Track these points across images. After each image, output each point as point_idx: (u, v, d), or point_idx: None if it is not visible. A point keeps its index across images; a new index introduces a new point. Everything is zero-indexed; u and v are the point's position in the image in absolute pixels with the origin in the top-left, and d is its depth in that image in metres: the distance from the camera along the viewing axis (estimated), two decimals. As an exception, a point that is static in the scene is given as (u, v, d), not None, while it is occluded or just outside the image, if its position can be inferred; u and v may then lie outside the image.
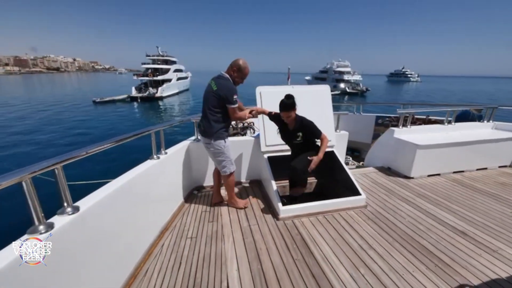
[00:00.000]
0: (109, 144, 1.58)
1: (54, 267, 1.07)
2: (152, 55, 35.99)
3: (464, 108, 4.57)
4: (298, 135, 2.31)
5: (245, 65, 2.24)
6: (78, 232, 1.23)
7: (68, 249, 1.17)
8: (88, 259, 1.31)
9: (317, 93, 3.05)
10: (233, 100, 2.16)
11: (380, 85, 75.18)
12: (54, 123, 16.16)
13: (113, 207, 1.54)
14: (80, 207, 1.27)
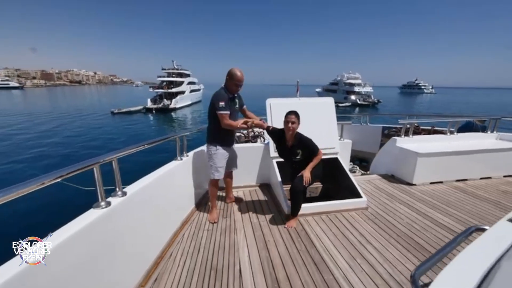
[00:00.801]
0: (145, 145, 1.95)
1: (109, 235, 1.41)
2: (167, 69, 37.86)
3: (467, 119, 4.70)
4: (297, 152, 2.31)
5: (235, 72, 2.28)
6: (125, 211, 1.56)
7: (118, 224, 1.50)
8: (130, 234, 1.63)
9: (322, 105, 3.35)
10: (219, 106, 2.25)
11: (393, 97, 74.34)
12: (78, 131, 17.26)
13: (149, 196, 1.89)
14: (127, 192, 1.62)
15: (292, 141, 2.31)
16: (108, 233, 1.41)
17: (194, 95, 41.12)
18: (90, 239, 1.27)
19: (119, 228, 1.50)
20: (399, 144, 3.71)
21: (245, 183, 3.47)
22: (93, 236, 1.30)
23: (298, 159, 2.32)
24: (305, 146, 2.29)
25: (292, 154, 2.33)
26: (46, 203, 6.36)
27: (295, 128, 2.25)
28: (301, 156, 2.31)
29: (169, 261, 1.97)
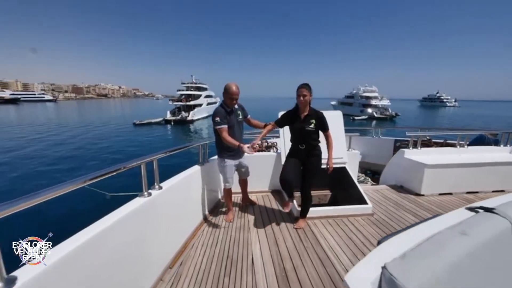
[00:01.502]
0: (176, 149, 2.35)
1: (149, 218, 1.77)
2: (186, 83, 39.91)
3: (479, 133, 4.70)
4: (311, 122, 2.38)
5: (230, 86, 2.46)
6: (160, 202, 1.92)
7: (155, 211, 1.86)
8: (163, 222, 1.99)
9: (330, 117, 3.61)
10: (215, 121, 2.44)
11: (412, 110, 72.10)
12: (104, 140, 18.58)
13: (177, 192, 2.26)
14: (163, 187, 1.98)
15: (306, 111, 2.41)
16: (149, 217, 1.76)
17: (211, 107, 42.66)
18: (136, 219, 1.63)
19: (155, 215, 1.86)
20: (407, 155, 3.84)
21: (259, 189, 3.75)
22: (139, 217, 1.66)
23: (310, 129, 2.37)
24: (319, 118, 2.40)
25: (306, 123, 2.38)
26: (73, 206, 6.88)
27: (308, 100, 2.35)
28: (314, 126, 2.38)
29: (191, 250, 2.28)
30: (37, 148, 15.70)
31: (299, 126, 2.42)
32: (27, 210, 1.04)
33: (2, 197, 1.12)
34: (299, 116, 2.43)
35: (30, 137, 19.68)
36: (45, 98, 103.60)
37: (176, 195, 2.23)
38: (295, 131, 2.49)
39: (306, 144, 2.45)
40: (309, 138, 2.43)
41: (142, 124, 29.42)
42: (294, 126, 2.48)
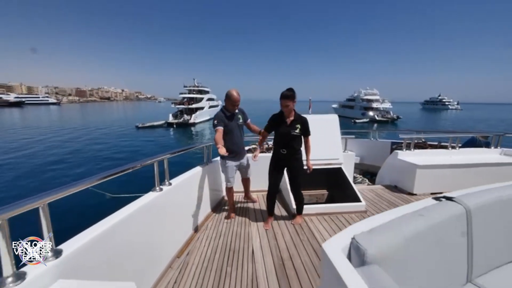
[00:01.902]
0: (185, 150, 2.59)
1: (160, 211, 1.98)
2: (189, 86, 40.35)
3: (471, 135, 4.87)
4: (297, 127, 2.52)
5: (231, 93, 2.65)
6: (171, 197, 2.14)
7: (166, 206, 2.07)
8: (173, 215, 2.22)
9: (327, 121, 3.85)
10: (213, 123, 2.66)
11: (414, 113, 72.11)
12: (108, 142, 18.91)
13: (186, 188, 2.54)
14: (172, 183, 2.20)
15: (292, 117, 2.54)
16: (160, 210, 1.98)
17: (212, 110, 43.03)
18: (149, 212, 1.84)
19: (166, 208, 2.08)
20: (401, 157, 4.03)
21: (259, 188, 3.94)
22: (152, 210, 1.87)
23: (296, 133, 2.51)
24: (303, 123, 2.56)
25: (292, 128, 2.51)
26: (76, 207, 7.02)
27: (291, 108, 2.49)
28: (299, 131, 2.52)
29: (197, 242, 2.48)
30: (40, 149, 16.03)
31: (285, 130, 2.53)
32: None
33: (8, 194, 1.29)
34: (285, 121, 2.55)
35: (35, 138, 20.07)
36: (49, 101, 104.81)
37: (184, 191, 2.46)
38: (281, 136, 2.58)
39: (289, 149, 2.57)
40: (293, 143, 2.56)
41: (145, 127, 29.76)
42: (280, 131, 2.57)
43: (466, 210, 1.20)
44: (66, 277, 1.10)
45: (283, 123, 2.55)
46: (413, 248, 1.01)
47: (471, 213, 1.20)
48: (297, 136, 2.54)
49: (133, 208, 1.67)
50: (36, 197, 1.06)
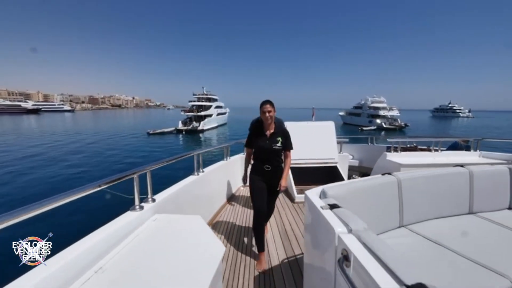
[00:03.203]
0: (207, 150, 3.31)
1: (199, 190, 2.62)
2: (198, 94, 41.55)
3: (454, 139, 5.45)
4: (278, 140, 2.29)
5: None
6: (204, 181, 2.94)
7: (200, 187, 2.77)
8: (205, 194, 2.89)
9: (324, 127, 4.36)
10: None
11: (423, 121, 71.17)
12: (122, 147, 19.78)
13: (211, 178, 3.23)
14: (205, 171, 3.04)
15: (272, 129, 2.32)
16: (197, 190, 2.75)
17: (220, 118, 43.99)
18: (190, 189, 2.54)
19: (200, 189, 2.83)
20: (389, 158, 4.53)
21: None
22: (192, 189, 2.65)
23: (278, 147, 2.28)
24: (285, 135, 2.34)
25: (272, 141, 2.28)
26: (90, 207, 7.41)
27: (273, 116, 2.27)
28: (280, 144, 2.29)
29: (220, 217, 3.27)
30: (59, 154, 16.95)
31: (265, 145, 2.28)
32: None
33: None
34: (264, 134, 2.32)
35: (51, 144, 21.17)
36: (64, 108, 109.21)
37: (211, 178, 3.28)
38: (261, 151, 2.32)
39: (272, 165, 2.32)
40: (275, 157, 2.33)
41: (156, 134, 30.78)
42: (259, 145, 2.31)
43: (397, 180, 1.85)
44: (158, 212, 1.96)
45: (262, 136, 2.32)
46: (359, 196, 1.65)
47: (401, 182, 1.87)
48: (279, 150, 2.32)
49: (182, 184, 2.56)
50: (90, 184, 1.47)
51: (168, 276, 1.22)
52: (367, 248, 0.96)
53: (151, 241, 1.54)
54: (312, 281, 1.58)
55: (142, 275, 1.23)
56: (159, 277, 1.20)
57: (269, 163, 2.31)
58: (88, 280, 1.20)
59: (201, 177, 2.94)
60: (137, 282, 1.19)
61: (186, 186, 2.59)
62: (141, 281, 1.19)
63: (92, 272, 1.24)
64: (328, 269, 1.20)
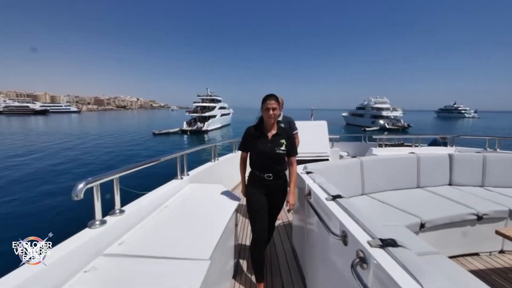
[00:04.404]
0: (207, 146, 3.69)
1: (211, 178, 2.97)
2: (202, 95, 42.10)
3: (433, 137, 6.17)
4: (282, 143, 1.89)
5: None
6: (219, 168, 3.47)
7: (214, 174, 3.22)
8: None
9: (318, 126, 4.82)
10: None
11: (427, 121, 70.69)
12: (131, 147, 20.36)
13: (223, 167, 3.72)
14: (219, 159, 3.63)
15: (275, 130, 1.94)
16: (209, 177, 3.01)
17: (224, 118, 44.47)
18: (204, 177, 2.79)
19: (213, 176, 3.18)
20: (374, 152, 5.11)
21: None
22: (206, 176, 2.88)
23: (281, 151, 1.88)
24: (289, 137, 1.95)
25: (275, 144, 1.88)
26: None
27: (277, 116, 1.89)
28: (285, 148, 1.90)
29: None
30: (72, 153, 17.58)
31: (266, 148, 1.88)
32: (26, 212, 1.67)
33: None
34: (265, 135, 1.92)
35: (63, 145, 21.86)
36: (71, 109, 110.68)
37: (225, 167, 3.98)
38: (261, 156, 1.91)
39: (274, 174, 1.91)
40: (279, 164, 1.93)
41: (161, 134, 31.38)
42: (258, 149, 1.90)
43: (360, 161, 2.69)
44: (191, 182, 2.70)
45: (262, 138, 1.91)
46: (332, 172, 2.43)
47: (363, 163, 2.70)
48: (283, 155, 1.92)
49: (201, 169, 3.32)
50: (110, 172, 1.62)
51: (201, 219, 1.88)
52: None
53: (188, 199, 2.33)
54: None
55: (187, 216, 1.95)
56: (196, 217, 1.93)
57: (271, 171, 1.90)
58: (148, 223, 1.77)
59: (216, 163, 3.79)
60: (189, 214, 1.98)
61: (207, 168, 3.51)
62: (189, 216, 1.94)
63: (155, 214, 1.93)
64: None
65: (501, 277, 2.11)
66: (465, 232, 2.29)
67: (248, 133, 1.99)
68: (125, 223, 1.61)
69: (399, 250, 0.89)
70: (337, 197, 1.45)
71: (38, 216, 7.44)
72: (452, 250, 2.31)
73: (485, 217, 2.25)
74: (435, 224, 2.14)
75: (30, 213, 7.68)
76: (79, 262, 1.24)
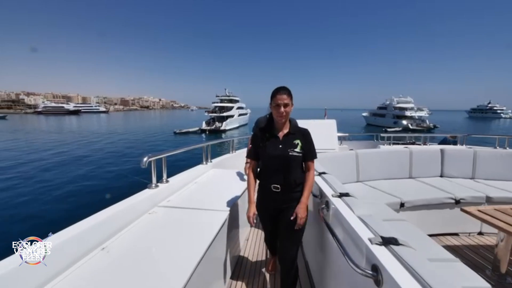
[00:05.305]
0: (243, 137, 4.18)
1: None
2: (220, 95, 43.40)
3: (443, 135, 6.24)
4: (296, 144, 1.59)
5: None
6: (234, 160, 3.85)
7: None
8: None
9: (327, 124, 5.19)
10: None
11: (456, 122, 66.27)
12: (154, 145, 21.93)
13: (239, 158, 4.11)
14: (236, 152, 4.02)
15: (287, 128, 1.64)
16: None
17: (242, 118, 45.37)
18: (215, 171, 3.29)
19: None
20: (382, 149, 5.33)
21: None
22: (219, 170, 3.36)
23: (296, 154, 1.57)
24: (305, 136, 1.63)
25: (287, 145, 1.58)
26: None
27: (289, 113, 1.57)
28: (300, 149, 1.58)
29: None
30: (113, 148, 19.44)
31: (276, 151, 1.57)
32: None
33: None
34: (275, 135, 1.62)
35: (104, 141, 24.04)
36: (100, 109, 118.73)
37: (242, 157, 4.31)
38: (270, 160, 1.61)
39: (285, 183, 1.58)
40: (292, 171, 1.58)
41: (182, 133, 32.99)
42: (268, 152, 1.60)
43: (356, 153, 3.13)
44: (214, 168, 3.33)
45: (272, 139, 1.62)
46: (330, 160, 2.99)
47: (358, 155, 3.15)
48: (297, 158, 1.58)
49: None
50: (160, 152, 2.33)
51: (221, 191, 2.47)
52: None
53: (211, 179, 2.95)
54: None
55: (211, 188, 2.62)
56: (217, 190, 2.52)
57: (281, 180, 1.58)
58: (184, 190, 2.39)
59: (234, 155, 4.27)
60: (212, 188, 2.59)
61: (226, 158, 4.04)
62: (212, 189, 2.57)
63: (188, 186, 2.58)
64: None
65: (477, 254, 2.43)
66: (444, 214, 2.63)
67: (256, 136, 1.68)
68: (170, 188, 2.31)
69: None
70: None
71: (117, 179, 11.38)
72: (431, 228, 2.66)
73: (463, 201, 2.59)
74: (414, 204, 2.53)
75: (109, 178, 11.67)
76: (145, 207, 1.94)
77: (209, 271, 1.59)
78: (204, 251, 1.39)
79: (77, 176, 12.07)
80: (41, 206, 8.38)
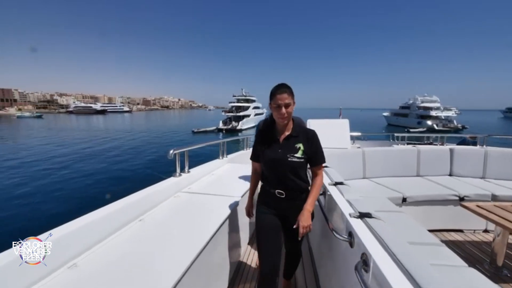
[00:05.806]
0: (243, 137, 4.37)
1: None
2: (237, 95, 44.12)
3: (462, 136, 5.94)
4: (297, 147, 1.45)
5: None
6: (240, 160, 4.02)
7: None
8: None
9: (340, 124, 5.22)
10: None
11: (488, 123, 61.45)
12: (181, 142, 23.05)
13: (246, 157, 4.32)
14: (247, 149, 4.29)
15: (289, 130, 1.51)
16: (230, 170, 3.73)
17: (258, 118, 45.64)
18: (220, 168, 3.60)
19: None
20: (389, 148, 5.36)
21: None
22: (225, 167, 3.64)
23: (297, 159, 1.44)
24: (309, 138, 1.49)
25: (288, 149, 1.46)
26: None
27: (291, 113, 1.45)
28: (302, 154, 1.45)
29: None
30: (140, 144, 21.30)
31: (276, 155, 1.48)
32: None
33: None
34: (276, 138, 1.52)
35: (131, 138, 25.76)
36: (124, 109, 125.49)
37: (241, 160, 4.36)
38: (269, 165, 1.52)
39: (289, 189, 1.50)
40: (294, 176, 1.48)
41: (199, 132, 34.16)
42: (267, 156, 1.51)
43: (362, 151, 3.33)
44: (229, 162, 3.65)
45: (272, 142, 1.53)
46: (346, 157, 3.24)
47: (365, 153, 3.33)
48: (299, 164, 1.46)
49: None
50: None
51: (235, 182, 2.79)
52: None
53: (227, 172, 3.22)
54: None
55: (226, 178, 3.00)
56: (232, 180, 2.85)
57: (283, 185, 1.50)
58: (203, 180, 2.79)
59: (247, 152, 4.39)
60: (227, 178, 2.96)
61: (240, 154, 4.27)
62: (228, 179, 2.94)
63: (206, 177, 2.92)
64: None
65: (479, 249, 2.50)
66: (448, 210, 2.72)
67: (258, 138, 1.60)
68: (191, 178, 2.70)
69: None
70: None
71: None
72: (433, 223, 2.75)
73: (467, 198, 2.66)
74: (416, 200, 2.65)
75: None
76: (169, 192, 2.32)
77: (224, 244, 1.97)
78: (217, 228, 1.72)
79: (120, 164, 15.11)
80: (80, 189, 10.56)
